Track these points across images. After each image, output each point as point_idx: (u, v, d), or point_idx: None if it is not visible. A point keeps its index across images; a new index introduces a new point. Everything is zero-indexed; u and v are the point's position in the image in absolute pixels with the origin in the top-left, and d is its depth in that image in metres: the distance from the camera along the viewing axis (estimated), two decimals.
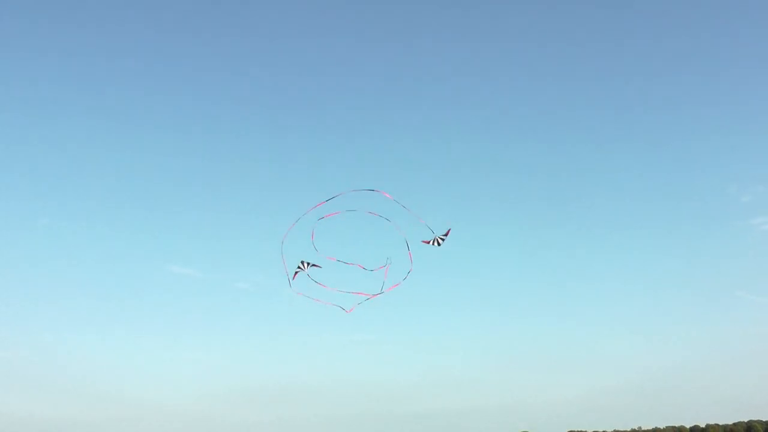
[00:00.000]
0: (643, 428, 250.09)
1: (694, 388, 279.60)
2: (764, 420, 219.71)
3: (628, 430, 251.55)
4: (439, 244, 25.83)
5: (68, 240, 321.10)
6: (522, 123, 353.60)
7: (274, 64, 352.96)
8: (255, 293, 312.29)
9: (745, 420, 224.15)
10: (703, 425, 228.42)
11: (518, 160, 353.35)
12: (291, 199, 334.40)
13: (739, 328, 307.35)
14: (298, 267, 25.34)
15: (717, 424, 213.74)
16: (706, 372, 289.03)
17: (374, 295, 25.91)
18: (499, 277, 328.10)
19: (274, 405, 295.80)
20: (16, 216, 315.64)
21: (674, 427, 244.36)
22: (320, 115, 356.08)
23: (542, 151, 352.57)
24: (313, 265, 25.24)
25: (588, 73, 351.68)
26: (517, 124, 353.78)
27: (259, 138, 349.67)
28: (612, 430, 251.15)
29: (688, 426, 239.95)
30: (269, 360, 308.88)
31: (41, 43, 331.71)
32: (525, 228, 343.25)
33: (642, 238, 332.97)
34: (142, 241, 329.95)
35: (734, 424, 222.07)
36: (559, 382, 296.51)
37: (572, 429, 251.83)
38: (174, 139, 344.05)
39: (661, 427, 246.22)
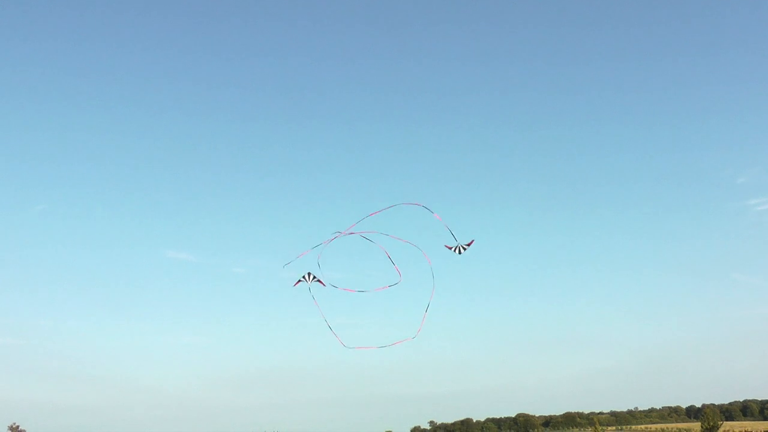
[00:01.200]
0: (639, 409, 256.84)
1: (690, 368, 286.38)
2: (760, 400, 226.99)
3: (625, 410, 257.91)
4: (460, 252, 26.10)
5: (64, 226, 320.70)
6: (520, 107, 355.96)
7: (272, 54, 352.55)
8: (252, 278, 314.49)
9: (741, 400, 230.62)
10: (699, 405, 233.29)
11: (515, 144, 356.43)
12: (286, 184, 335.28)
13: (735, 309, 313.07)
14: (303, 277, 25.01)
15: (713, 404, 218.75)
16: (701, 353, 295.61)
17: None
18: (496, 261, 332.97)
19: (271, 388, 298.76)
20: (12, 203, 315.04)
21: (670, 407, 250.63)
22: (316, 102, 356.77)
23: (538, 135, 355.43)
24: (318, 280, 24.84)
25: (586, 56, 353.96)
26: (515, 108, 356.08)
27: (254, 126, 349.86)
28: (609, 411, 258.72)
29: (684, 406, 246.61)
30: (266, 344, 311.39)
31: (37, 32, 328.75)
32: (521, 212, 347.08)
33: (638, 220, 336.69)
34: (138, 227, 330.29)
35: (730, 403, 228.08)
36: (556, 364, 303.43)
37: (569, 411, 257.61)
38: (168, 126, 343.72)
39: (658, 408, 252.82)
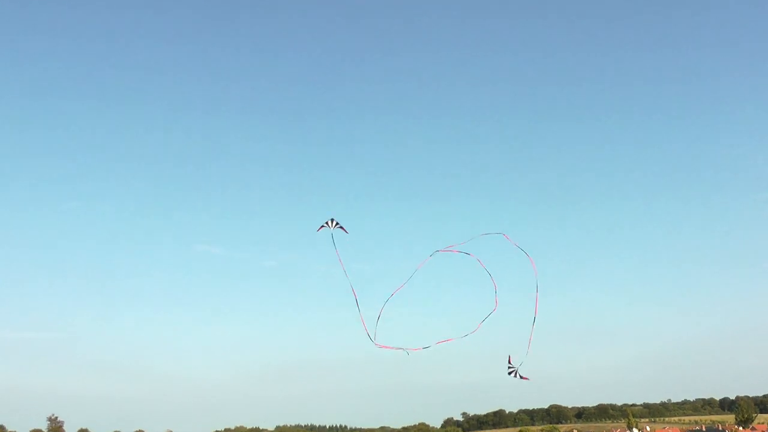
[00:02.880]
0: (672, 401, 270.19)
1: (724, 360, 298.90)
2: None
3: (658, 402, 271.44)
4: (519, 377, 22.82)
5: (97, 222, 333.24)
6: (546, 96, 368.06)
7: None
8: (283, 271, 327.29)
9: None
10: (732, 397, 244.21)
11: (541, 134, 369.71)
12: (317, 177, 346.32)
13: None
14: (326, 223, 23.37)
15: (747, 396, 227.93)
16: (734, 344, 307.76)
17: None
18: (528, 251, 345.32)
19: (303, 380, 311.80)
20: (47, 200, 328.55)
21: (704, 399, 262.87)
22: (348, 98, 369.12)
23: (566, 125, 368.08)
24: (341, 227, 23.26)
25: (614, 43, 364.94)
26: (541, 99, 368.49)
27: (284, 122, 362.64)
28: (642, 403, 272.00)
29: (717, 398, 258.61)
30: (298, 336, 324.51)
31: (73, 29, 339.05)
32: (550, 201, 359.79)
33: (668, 210, 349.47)
34: (171, 222, 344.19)
35: (764, 395, 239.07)
36: (589, 356, 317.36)
37: (602, 402, 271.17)
38: (198, 122, 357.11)
39: (691, 400, 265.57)
